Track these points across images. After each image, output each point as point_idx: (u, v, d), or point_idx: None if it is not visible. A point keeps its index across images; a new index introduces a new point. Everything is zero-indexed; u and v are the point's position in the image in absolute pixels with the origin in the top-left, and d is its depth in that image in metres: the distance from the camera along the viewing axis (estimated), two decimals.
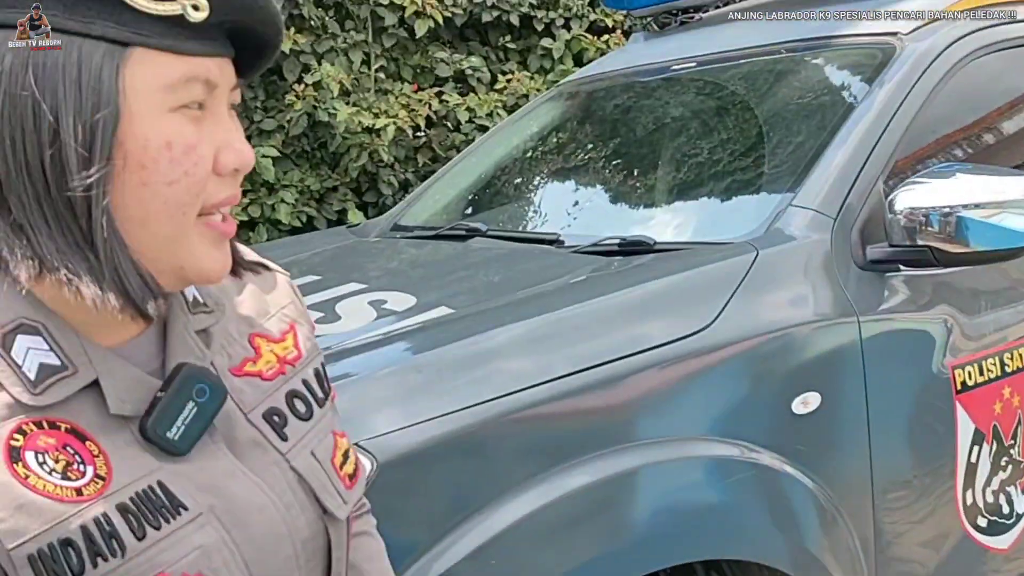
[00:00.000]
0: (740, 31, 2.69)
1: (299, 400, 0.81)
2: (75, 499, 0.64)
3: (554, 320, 1.58)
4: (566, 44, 5.22)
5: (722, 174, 2.21)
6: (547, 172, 2.82)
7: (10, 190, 0.63)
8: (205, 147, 0.67)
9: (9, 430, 0.63)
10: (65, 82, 0.62)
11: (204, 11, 0.64)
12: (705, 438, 1.60)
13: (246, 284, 0.85)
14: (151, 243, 0.67)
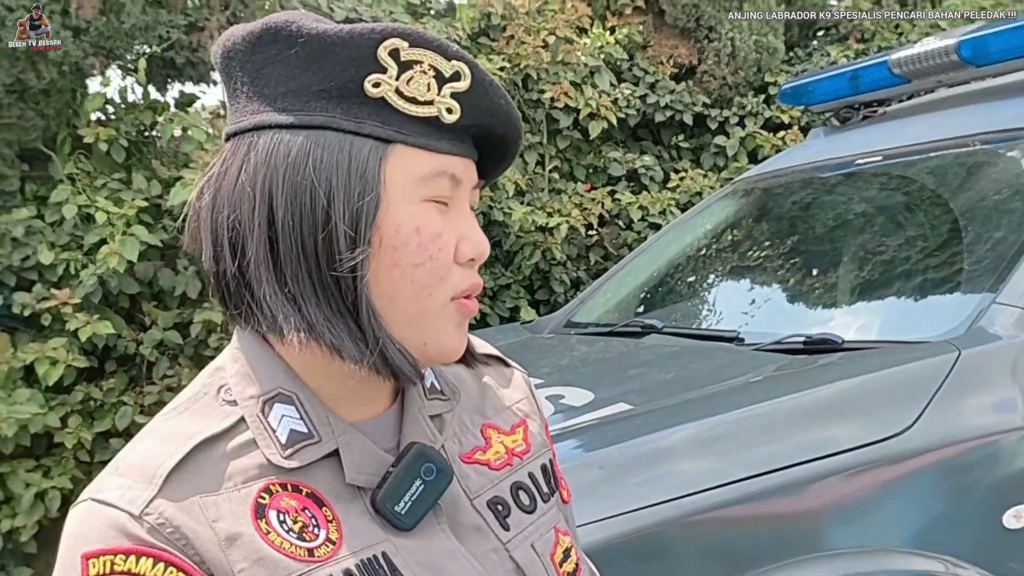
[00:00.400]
0: (929, 124, 2.60)
1: (524, 492, 0.84)
2: (307, 559, 0.69)
3: (734, 420, 1.53)
4: (740, 141, 5.20)
5: (913, 271, 2.11)
6: (723, 269, 2.78)
7: (287, 265, 0.71)
8: (448, 235, 0.74)
9: (258, 488, 0.70)
10: (338, 172, 0.70)
11: (456, 114, 0.72)
12: (903, 551, 1.49)
13: (483, 376, 0.90)
14: (398, 319, 0.73)
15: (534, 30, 4.42)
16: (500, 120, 0.76)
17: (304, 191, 0.70)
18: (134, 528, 0.66)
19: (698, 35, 5.27)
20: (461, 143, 0.74)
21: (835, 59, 5.32)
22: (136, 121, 3.82)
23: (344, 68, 0.70)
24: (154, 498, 0.67)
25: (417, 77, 0.71)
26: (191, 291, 3.78)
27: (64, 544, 0.69)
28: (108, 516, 0.67)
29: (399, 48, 0.71)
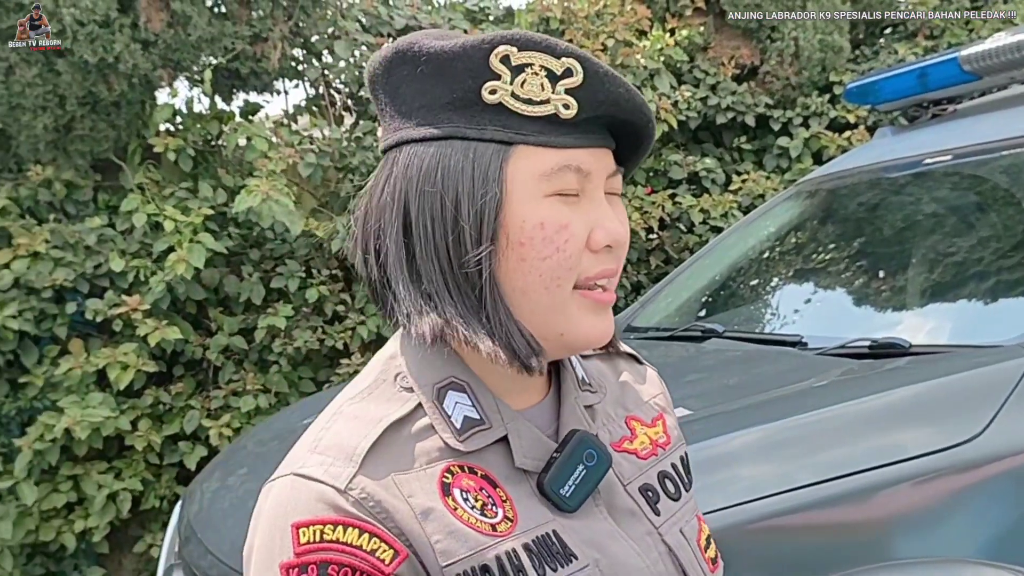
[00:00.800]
0: (1001, 121, 2.52)
1: (669, 480, 0.90)
2: (491, 533, 0.75)
3: (797, 425, 1.50)
4: (805, 142, 5.10)
5: (984, 273, 2.04)
6: (786, 273, 2.73)
7: (423, 265, 0.78)
8: (577, 226, 0.77)
9: (441, 469, 0.76)
10: (463, 177, 0.76)
11: (573, 109, 0.76)
12: (973, 561, 1.44)
13: (622, 373, 0.96)
14: (533, 311, 0.78)
15: (593, 34, 4.40)
16: (623, 108, 0.78)
17: (435, 197, 0.76)
18: (340, 501, 0.72)
19: (760, 35, 5.20)
20: (587, 135, 0.78)
21: (903, 57, 5.20)
22: (203, 131, 3.91)
23: (462, 79, 0.76)
24: (356, 475, 0.73)
25: (530, 79, 0.76)
26: (255, 297, 3.85)
27: (269, 514, 0.75)
28: (315, 489, 0.73)
29: (509, 54, 0.75)
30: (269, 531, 0.74)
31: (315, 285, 3.93)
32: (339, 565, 0.71)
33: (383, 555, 0.72)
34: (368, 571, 0.71)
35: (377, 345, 4.28)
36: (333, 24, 4.08)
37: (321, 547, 0.71)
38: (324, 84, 4.29)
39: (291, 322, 3.88)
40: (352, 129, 4.29)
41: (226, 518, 1.93)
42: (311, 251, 4.06)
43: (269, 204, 3.37)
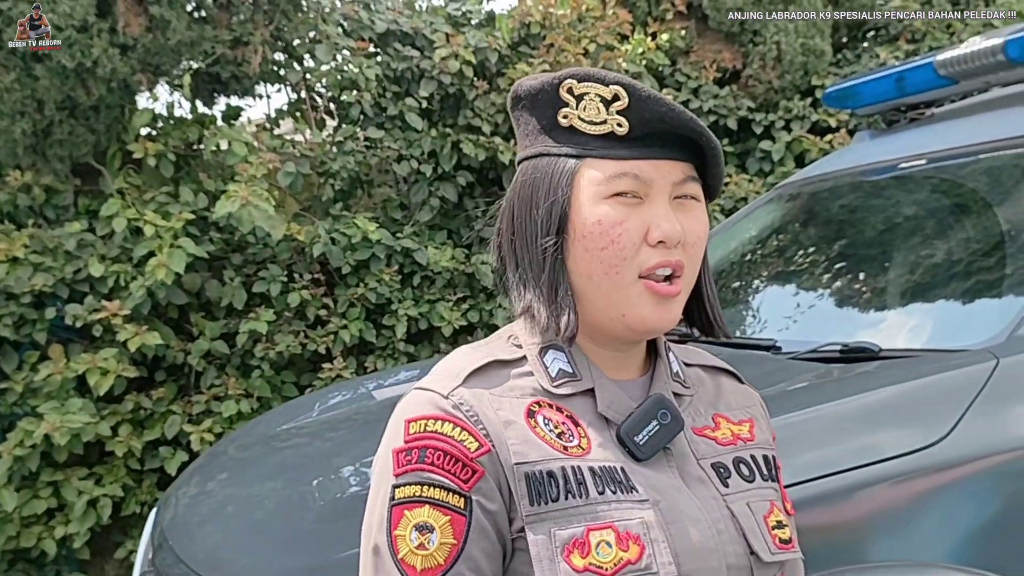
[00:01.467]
0: (975, 126, 2.53)
1: (744, 465, 1.02)
2: (562, 451, 0.92)
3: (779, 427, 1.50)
4: (787, 146, 5.12)
5: (955, 277, 2.05)
6: (764, 276, 2.74)
7: (520, 254, 0.99)
8: (632, 223, 0.94)
9: (532, 400, 0.95)
10: (543, 184, 0.97)
11: (625, 127, 0.95)
12: (945, 565, 1.45)
13: (720, 382, 1.10)
14: (596, 293, 0.96)
15: (574, 39, 4.41)
16: (670, 124, 0.94)
17: (527, 201, 0.98)
18: (442, 403, 0.93)
19: (742, 39, 5.21)
20: (647, 148, 0.95)
21: (884, 61, 5.22)
22: (183, 135, 3.90)
23: (545, 109, 0.98)
24: (457, 387, 0.94)
25: (588, 104, 0.96)
26: (237, 302, 3.84)
27: (393, 420, 0.95)
28: (425, 395, 0.95)
29: (572, 86, 0.96)
30: (391, 430, 0.94)
31: (297, 290, 3.92)
32: (434, 449, 0.90)
33: (470, 444, 0.90)
34: (456, 455, 0.89)
35: (360, 349, 4.29)
36: (314, 28, 4.07)
37: (423, 436, 0.91)
38: (305, 88, 4.28)
39: (273, 327, 3.88)
40: (334, 133, 4.29)
41: (202, 525, 1.92)
42: (293, 255, 4.06)
43: (249, 209, 3.37)
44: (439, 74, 4.27)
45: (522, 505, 0.89)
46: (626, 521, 0.89)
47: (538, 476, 0.90)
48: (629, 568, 0.88)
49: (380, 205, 4.46)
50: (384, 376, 2.96)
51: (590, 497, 0.90)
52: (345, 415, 2.47)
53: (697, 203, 0.99)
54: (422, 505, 0.89)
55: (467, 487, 0.89)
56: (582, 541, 0.88)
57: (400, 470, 0.90)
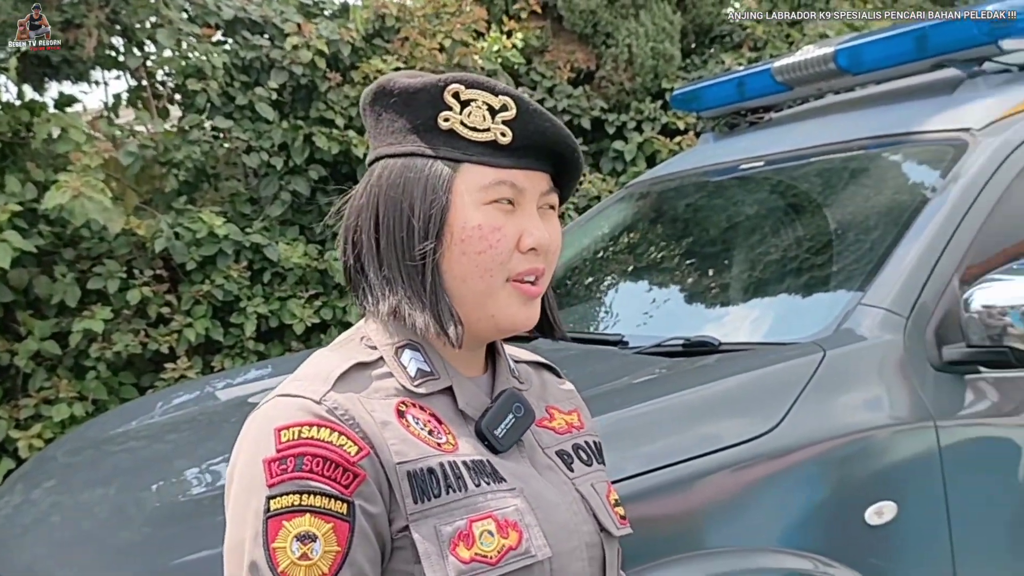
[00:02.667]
0: (810, 130, 2.66)
1: (582, 451, 1.09)
2: (437, 448, 0.94)
3: (619, 420, 1.53)
4: (638, 146, 5.26)
5: (790, 273, 2.15)
6: (616, 272, 2.80)
7: (385, 255, 0.99)
8: (508, 230, 0.97)
9: (397, 401, 0.96)
10: (419, 186, 0.97)
11: (509, 137, 0.97)
12: (774, 549, 1.51)
13: (544, 377, 1.17)
14: (469, 295, 0.98)
15: (430, 33, 4.39)
16: (549, 139, 0.99)
17: (397, 201, 0.98)
18: (316, 408, 0.91)
19: (596, 41, 5.32)
20: (523, 159, 0.98)
21: (728, 66, 5.44)
22: (11, 122, 3.64)
23: (424, 110, 0.98)
24: (329, 391, 0.93)
25: (475, 111, 0.97)
26: (70, 299, 3.62)
27: (255, 428, 0.92)
28: (295, 402, 0.92)
29: (459, 91, 0.97)
30: (255, 439, 0.91)
31: (137, 286, 3.74)
32: (313, 456, 0.88)
33: (349, 449, 0.90)
34: (337, 461, 0.89)
35: (206, 348, 4.12)
36: (155, 12, 3.88)
37: (299, 443, 0.89)
38: (146, 75, 4.08)
39: (110, 325, 3.68)
40: (178, 123, 4.11)
41: (25, 535, 1.79)
42: (133, 250, 3.86)
43: (82, 201, 3.18)
44: (290, 64, 4.16)
45: (405, 504, 0.91)
46: (503, 509, 0.93)
47: (420, 474, 0.91)
48: (512, 554, 0.92)
49: (228, 199, 4.31)
50: (232, 375, 2.86)
51: (469, 490, 0.93)
52: (189, 416, 2.37)
53: (554, 212, 1.04)
54: (302, 514, 0.87)
55: (349, 492, 0.89)
56: (466, 533, 0.91)
57: (274, 480, 0.88)
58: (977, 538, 1.65)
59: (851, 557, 1.52)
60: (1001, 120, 2.09)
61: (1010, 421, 1.73)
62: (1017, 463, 1.70)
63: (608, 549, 1.04)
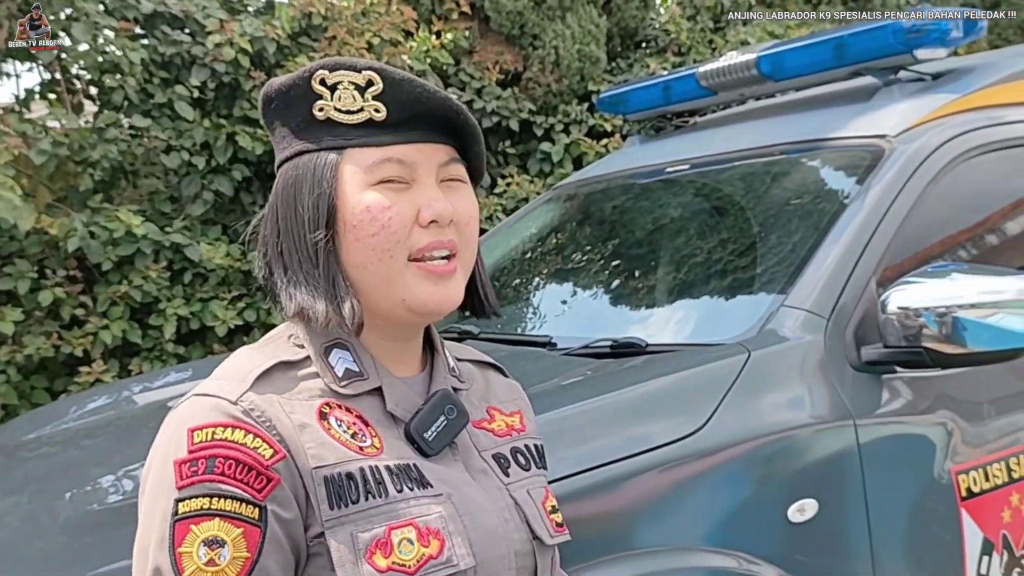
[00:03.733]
0: (733, 134, 2.71)
1: (521, 455, 1.06)
2: (358, 452, 0.91)
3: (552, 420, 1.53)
4: (565, 148, 5.29)
5: (715, 275, 2.19)
6: (543, 273, 2.81)
7: (287, 258, 0.97)
8: (402, 207, 0.94)
9: (321, 402, 0.93)
10: (307, 181, 0.95)
11: (383, 112, 0.95)
12: (701, 548, 1.53)
13: (488, 376, 1.14)
14: (372, 282, 0.95)
15: (358, 32, 4.34)
16: (428, 104, 0.95)
17: (290, 202, 0.96)
18: (231, 409, 0.88)
19: (523, 42, 5.34)
20: (409, 132, 0.95)
21: (654, 70, 5.51)
22: None
23: (299, 105, 0.96)
24: (246, 392, 0.90)
25: (343, 93, 0.95)
26: None
27: (169, 429, 0.89)
28: (210, 402, 0.89)
29: (324, 76, 0.95)
30: (168, 440, 0.88)
31: (50, 287, 3.61)
32: (224, 458, 0.85)
33: (264, 452, 0.87)
34: (250, 463, 0.86)
35: (123, 351, 4.00)
36: (70, 4, 3.75)
37: (211, 444, 0.86)
38: (60, 69, 3.94)
39: (21, 327, 3.55)
40: (94, 119, 3.98)
41: None
42: (45, 250, 3.73)
43: None
44: (212, 61, 4.06)
45: (321, 510, 0.88)
46: (425, 517, 0.91)
47: (337, 479, 0.89)
48: (432, 563, 0.90)
49: (147, 197, 4.19)
50: (151, 378, 2.78)
51: (390, 496, 0.90)
52: (105, 421, 2.30)
53: (464, 184, 1.00)
54: (211, 518, 0.84)
55: (261, 496, 0.86)
56: (384, 541, 0.89)
57: (184, 482, 0.85)
58: (895, 532, 1.70)
59: (775, 554, 1.55)
60: (916, 127, 2.16)
61: (925, 419, 1.79)
62: (932, 459, 1.76)
63: (540, 558, 1.01)
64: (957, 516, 1.76)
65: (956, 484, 1.77)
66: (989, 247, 2.20)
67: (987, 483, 1.81)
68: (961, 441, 1.80)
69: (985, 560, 1.80)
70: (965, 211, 2.16)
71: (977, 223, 2.20)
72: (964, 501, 1.77)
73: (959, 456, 1.79)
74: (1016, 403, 1.93)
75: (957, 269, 1.78)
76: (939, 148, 2.07)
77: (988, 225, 2.22)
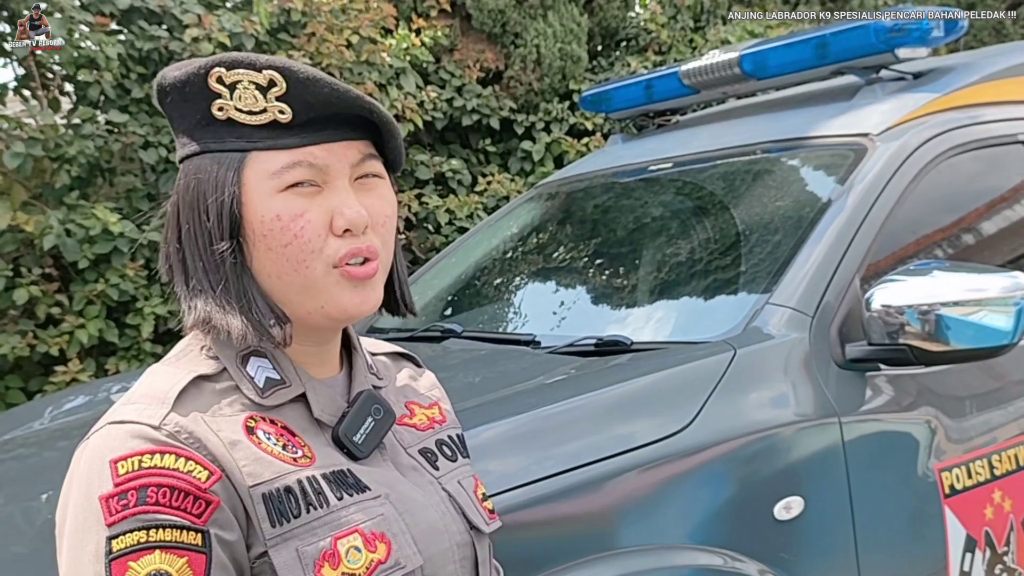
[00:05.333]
0: (716, 133, 2.72)
1: (446, 447, 1.05)
2: (293, 464, 0.88)
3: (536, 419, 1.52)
4: (546, 147, 5.29)
5: (699, 274, 2.18)
6: (525, 272, 2.80)
7: (190, 264, 0.91)
8: (314, 214, 0.88)
9: (245, 417, 0.89)
10: (208, 186, 0.88)
11: (288, 114, 0.88)
12: (687, 547, 1.52)
13: (402, 369, 1.13)
14: (288, 291, 0.91)
15: (337, 29, 4.31)
16: (339, 105, 0.89)
17: (192, 206, 0.89)
18: (155, 435, 0.83)
19: (504, 40, 5.32)
20: (318, 133, 0.89)
21: (635, 69, 5.52)
22: None
23: (196, 102, 0.89)
24: (168, 413, 0.85)
25: (244, 93, 0.88)
26: None
27: (86, 462, 0.83)
28: (129, 429, 0.83)
29: (221, 75, 0.88)
30: (87, 475, 0.82)
31: (24, 285, 3.56)
32: (158, 486, 0.80)
33: (199, 475, 0.82)
34: (187, 489, 0.81)
35: (99, 351, 3.96)
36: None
37: (140, 474, 0.80)
38: (35, 64, 3.89)
39: None
40: (70, 115, 3.93)
41: None
42: (20, 248, 3.67)
43: None
44: (190, 57, 4.02)
45: (263, 528, 0.85)
46: (368, 521, 0.89)
47: (276, 494, 0.85)
48: (381, 568, 0.88)
49: (124, 195, 4.14)
50: (129, 378, 2.75)
51: (331, 505, 0.88)
52: (81, 421, 2.26)
53: (381, 180, 0.95)
54: (151, 551, 0.79)
55: (202, 521, 0.82)
56: (331, 552, 0.86)
57: (114, 518, 0.79)
58: (879, 529, 1.70)
59: (761, 552, 1.54)
60: (898, 125, 2.17)
61: (908, 416, 1.79)
62: (915, 456, 1.76)
63: (479, 547, 1.00)
64: (940, 513, 1.77)
65: (940, 481, 1.78)
66: (971, 245, 2.21)
67: (970, 480, 1.82)
68: (944, 438, 1.80)
69: (968, 557, 1.81)
70: (947, 209, 2.18)
71: (958, 221, 2.21)
72: (947, 498, 1.78)
73: (942, 453, 1.80)
74: (997, 400, 1.94)
75: (940, 267, 1.79)
76: (921, 147, 2.08)
77: (969, 223, 2.24)
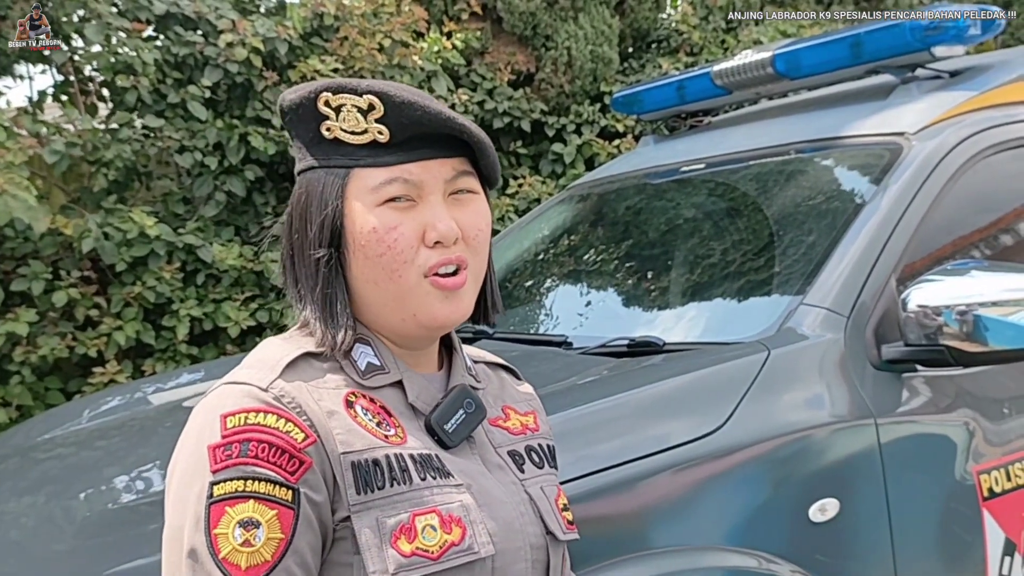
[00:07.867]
0: (748, 133, 2.70)
1: (535, 453, 1.09)
2: (384, 440, 0.94)
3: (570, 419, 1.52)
4: (577, 149, 5.28)
5: (732, 274, 2.17)
6: (557, 274, 2.80)
7: (298, 269, 1.01)
8: (407, 227, 0.96)
9: (347, 391, 0.97)
10: (316, 198, 0.98)
11: (386, 135, 0.96)
12: (720, 548, 1.52)
13: (503, 378, 1.18)
14: (385, 297, 0.98)
15: (369, 32, 4.34)
16: (430, 126, 0.96)
17: (302, 216, 0.99)
18: (263, 395, 0.91)
19: (535, 43, 5.33)
20: (414, 151, 0.96)
21: (666, 70, 5.50)
22: None
23: (308, 122, 0.99)
24: (276, 379, 0.93)
25: (348, 115, 0.97)
26: None
27: (200, 416, 0.92)
28: (241, 389, 0.92)
29: (328, 98, 0.97)
30: (199, 427, 0.91)
31: (64, 288, 3.61)
32: (258, 442, 0.88)
33: (296, 435, 0.89)
34: (282, 447, 0.88)
35: (136, 352, 4.01)
36: (83, 5, 3.76)
37: (244, 429, 0.88)
38: (74, 70, 3.95)
39: (35, 328, 3.55)
40: (107, 120, 3.99)
41: None
42: (59, 250, 3.74)
43: (5, 199, 3.06)
44: (225, 62, 4.07)
45: (348, 495, 0.90)
46: (448, 505, 0.93)
47: (364, 464, 0.91)
48: (454, 549, 0.92)
49: (160, 198, 4.20)
50: (164, 379, 2.78)
51: (414, 484, 0.92)
52: (119, 422, 2.29)
53: (475, 195, 1.01)
54: (246, 500, 0.86)
55: (294, 479, 0.88)
56: (408, 527, 0.91)
57: (219, 465, 0.87)
58: (916, 532, 1.68)
59: (796, 554, 1.53)
60: (934, 124, 2.14)
61: (946, 418, 1.77)
62: (953, 458, 1.74)
63: (553, 554, 1.03)
64: (979, 516, 1.74)
65: (978, 484, 1.75)
66: (1009, 245, 2.18)
67: (1009, 483, 1.79)
68: (983, 440, 1.78)
69: (1007, 561, 1.78)
70: (984, 208, 2.14)
71: (996, 220, 2.18)
72: (986, 501, 1.75)
73: (981, 456, 1.77)
74: None
75: (977, 267, 1.76)
76: (958, 146, 2.06)
77: (1007, 222, 2.20)
